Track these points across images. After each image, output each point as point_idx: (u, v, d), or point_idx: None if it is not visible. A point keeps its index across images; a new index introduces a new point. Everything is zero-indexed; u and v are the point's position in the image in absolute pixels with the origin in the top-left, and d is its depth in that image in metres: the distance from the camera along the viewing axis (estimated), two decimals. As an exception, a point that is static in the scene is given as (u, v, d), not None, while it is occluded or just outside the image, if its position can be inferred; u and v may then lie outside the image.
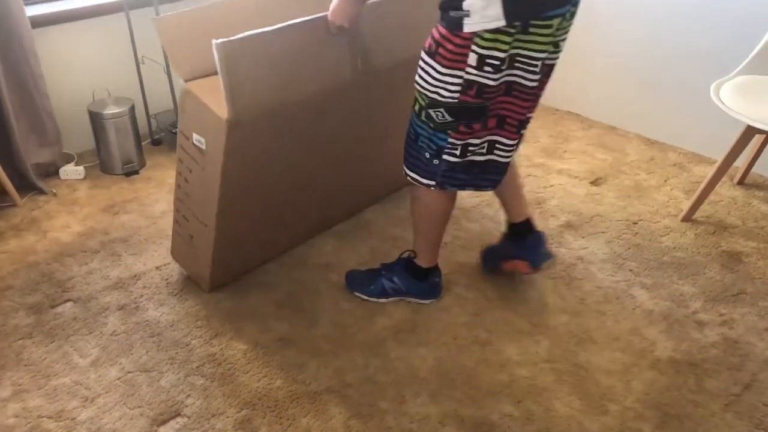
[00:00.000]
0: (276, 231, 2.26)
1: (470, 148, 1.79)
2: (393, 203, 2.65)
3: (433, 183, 1.87)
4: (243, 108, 1.75)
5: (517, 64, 1.67)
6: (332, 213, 2.47)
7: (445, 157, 1.80)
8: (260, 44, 1.72)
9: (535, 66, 1.69)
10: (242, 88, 1.72)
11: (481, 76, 1.64)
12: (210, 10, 1.97)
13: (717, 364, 1.92)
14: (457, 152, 1.79)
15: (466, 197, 2.69)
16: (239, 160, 1.87)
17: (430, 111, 1.75)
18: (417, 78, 1.75)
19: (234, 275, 2.23)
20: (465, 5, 1.58)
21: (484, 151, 1.83)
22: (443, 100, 1.70)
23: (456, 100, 1.69)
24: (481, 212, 2.61)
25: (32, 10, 2.67)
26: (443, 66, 1.66)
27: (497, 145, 1.83)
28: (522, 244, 2.14)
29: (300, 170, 2.13)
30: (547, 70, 1.78)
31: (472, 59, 1.62)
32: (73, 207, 2.64)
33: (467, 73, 1.64)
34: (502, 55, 1.62)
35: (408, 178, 1.93)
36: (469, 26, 1.59)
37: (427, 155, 1.83)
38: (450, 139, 1.77)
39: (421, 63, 1.73)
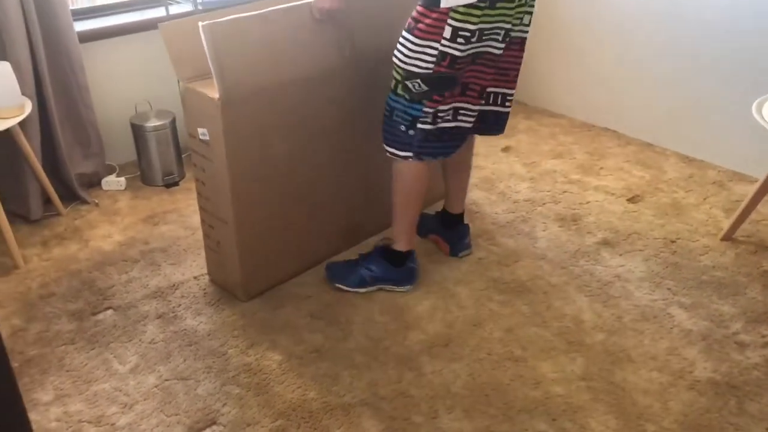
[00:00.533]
0: (304, 236, 2.29)
1: (440, 114, 1.97)
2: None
3: (410, 154, 2.04)
4: (232, 85, 1.89)
5: (485, 38, 1.87)
6: (362, 222, 2.48)
7: (419, 125, 1.98)
8: (246, 27, 1.87)
9: (499, 35, 1.89)
10: (229, 67, 1.87)
11: (453, 48, 1.84)
12: (212, 17, 2.06)
13: (759, 387, 1.88)
14: (430, 119, 1.97)
15: (501, 213, 2.69)
16: (240, 141, 1.98)
17: (407, 83, 1.93)
18: (395, 53, 1.95)
19: (268, 282, 2.26)
20: None
21: (450, 117, 1.99)
22: (419, 71, 1.89)
23: (431, 71, 1.88)
24: (516, 228, 2.60)
25: (80, 26, 2.76)
26: (420, 38, 1.86)
27: (461, 111, 2.00)
28: (451, 230, 2.42)
29: (308, 163, 2.19)
30: (517, 45, 2.01)
31: (447, 32, 1.82)
32: (114, 217, 2.70)
33: (442, 45, 1.84)
34: (473, 27, 1.82)
35: (387, 153, 2.09)
36: (445, 2, 1.80)
37: (402, 128, 2.00)
38: (425, 108, 1.95)
39: (400, 40, 1.93)
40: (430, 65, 1.87)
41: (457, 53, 1.85)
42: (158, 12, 2.95)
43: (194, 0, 2.81)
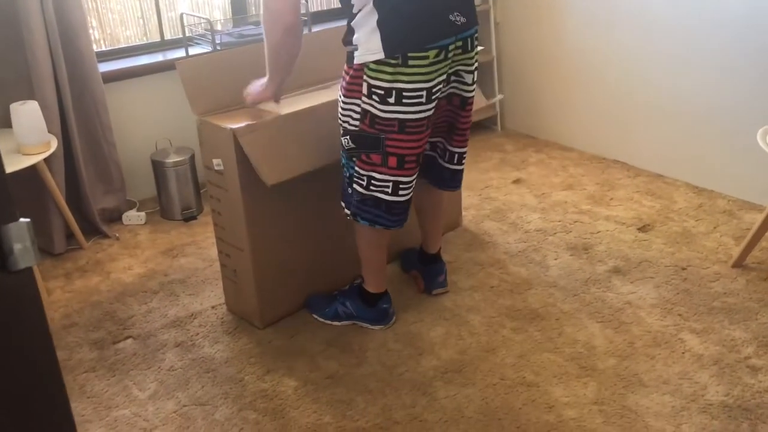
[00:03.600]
0: (319, 264, 2.35)
1: (374, 182, 1.96)
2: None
3: (348, 212, 2.07)
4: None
5: (404, 100, 1.82)
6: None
7: (354, 185, 2.00)
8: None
9: (420, 96, 1.82)
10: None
11: (370, 105, 1.84)
12: (226, 55, 2.23)
13: (771, 410, 1.89)
14: (363, 183, 1.97)
15: (513, 243, 2.73)
16: (253, 169, 2.02)
17: (342, 139, 1.98)
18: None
19: (284, 310, 2.31)
20: (354, 39, 1.82)
21: (389, 190, 1.97)
22: (350, 128, 1.93)
23: (357, 128, 1.90)
24: (527, 257, 2.64)
25: (104, 66, 2.87)
26: (346, 96, 1.90)
27: (400, 185, 1.97)
28: (427, 267, 2.41)
29: (321, 190, 2.25)
30: (458, 103, 2.00)
31: (364, 88, 1.84)
32: (134, 250, 2.77)
33: (362, 101, 1.86)
34: (385, 85, 1.80)
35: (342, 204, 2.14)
36: (357, 58, 1.82)
37: (345, 184, 2.06)
38: (356, 168, 1.97)
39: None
40: (357, 122, 1.89)
41: (374, 111, 1.84)
42: (179, 53, 3.07)
43: (213, 41, 2.92)
